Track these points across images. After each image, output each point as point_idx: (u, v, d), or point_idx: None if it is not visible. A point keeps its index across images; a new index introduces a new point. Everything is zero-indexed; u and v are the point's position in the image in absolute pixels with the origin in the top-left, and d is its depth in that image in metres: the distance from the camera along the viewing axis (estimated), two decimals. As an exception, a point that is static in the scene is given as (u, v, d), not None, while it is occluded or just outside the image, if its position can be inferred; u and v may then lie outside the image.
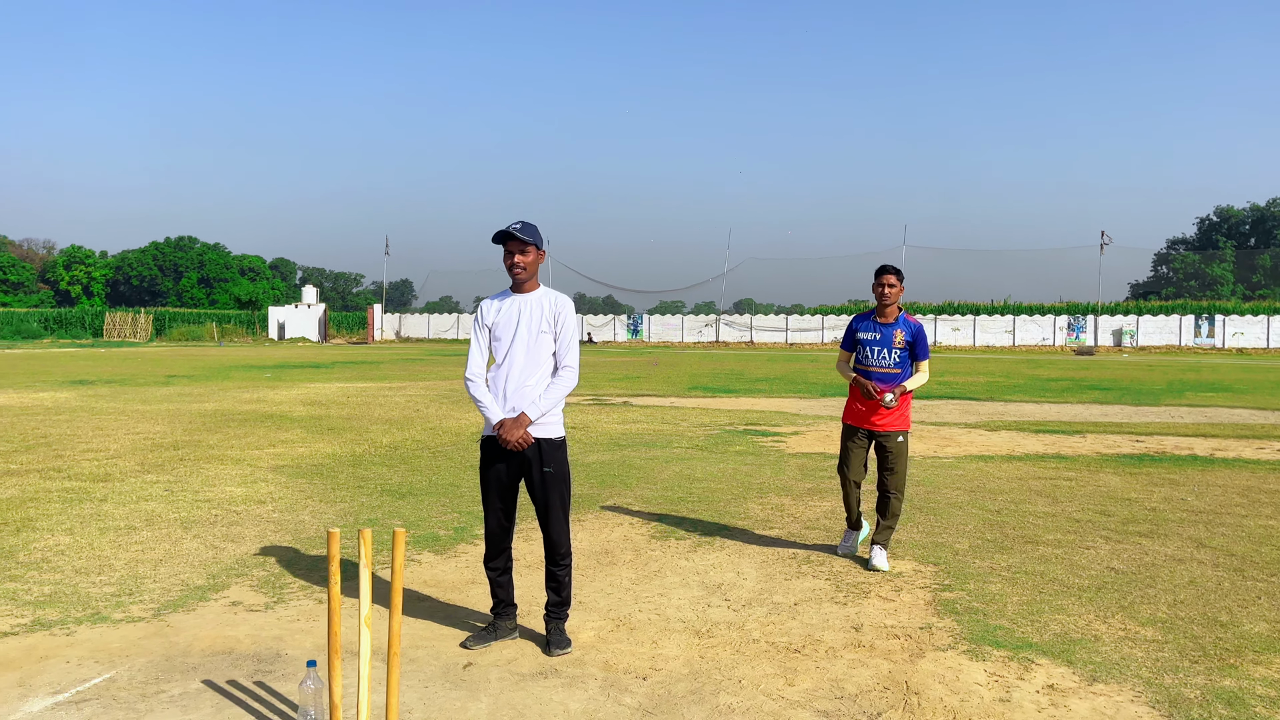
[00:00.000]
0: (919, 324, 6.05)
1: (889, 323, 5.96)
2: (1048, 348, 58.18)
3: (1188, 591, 5.37)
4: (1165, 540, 6.62)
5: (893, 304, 5.96)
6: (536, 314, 4.31)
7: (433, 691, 3.88)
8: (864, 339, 6.03)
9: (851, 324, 6.21)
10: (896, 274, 5.96)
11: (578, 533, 6.70)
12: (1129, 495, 8.32)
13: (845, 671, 4.14)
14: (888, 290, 5.90)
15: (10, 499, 7.68)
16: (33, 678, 3.97)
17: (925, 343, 6.04)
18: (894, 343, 5.92)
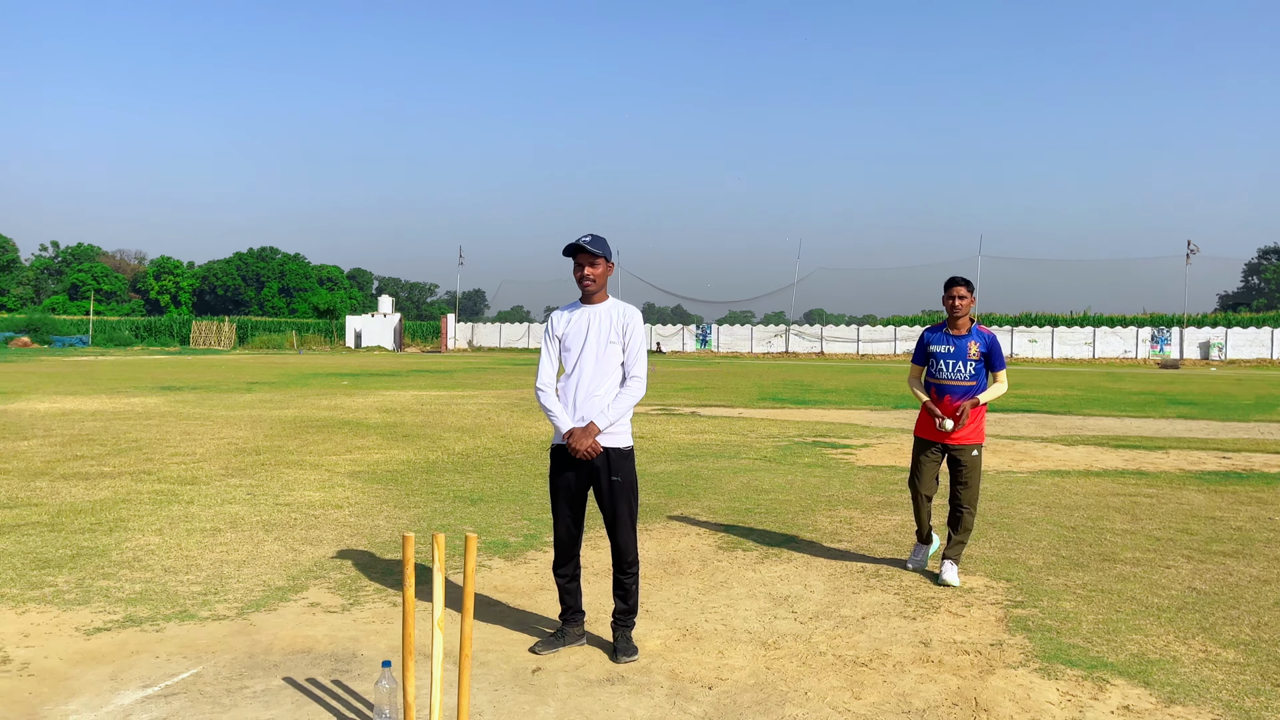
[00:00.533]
0: (992, 334, 5.99)
1: (961, 334, 5.91)
2: (1129, 360, 56.54)
3: (1273, 614, 5.20)
4: (1250, 560, 6.41)
5: (964, 315, 5.90)
6: (605, 325, 4.38)
7: (502, 695, 3.96)
8: (936, 351, 5.97)
9: (923, 336, 6.16)
10: (967, 285, 5.90)
11: (645, 542, 6.76)
12: (1213, 513, 8.07)
13: (913, 686, 4.12)
14: (958, 302, 5.85)
15: (104, 500, 8.03)
16: (124, 671, 4.16)
17: (1000, 353, 5.97)
18: (968, 354, 5.86)
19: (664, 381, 28.86)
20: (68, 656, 4.31)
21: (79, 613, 4.96)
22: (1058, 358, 58.32)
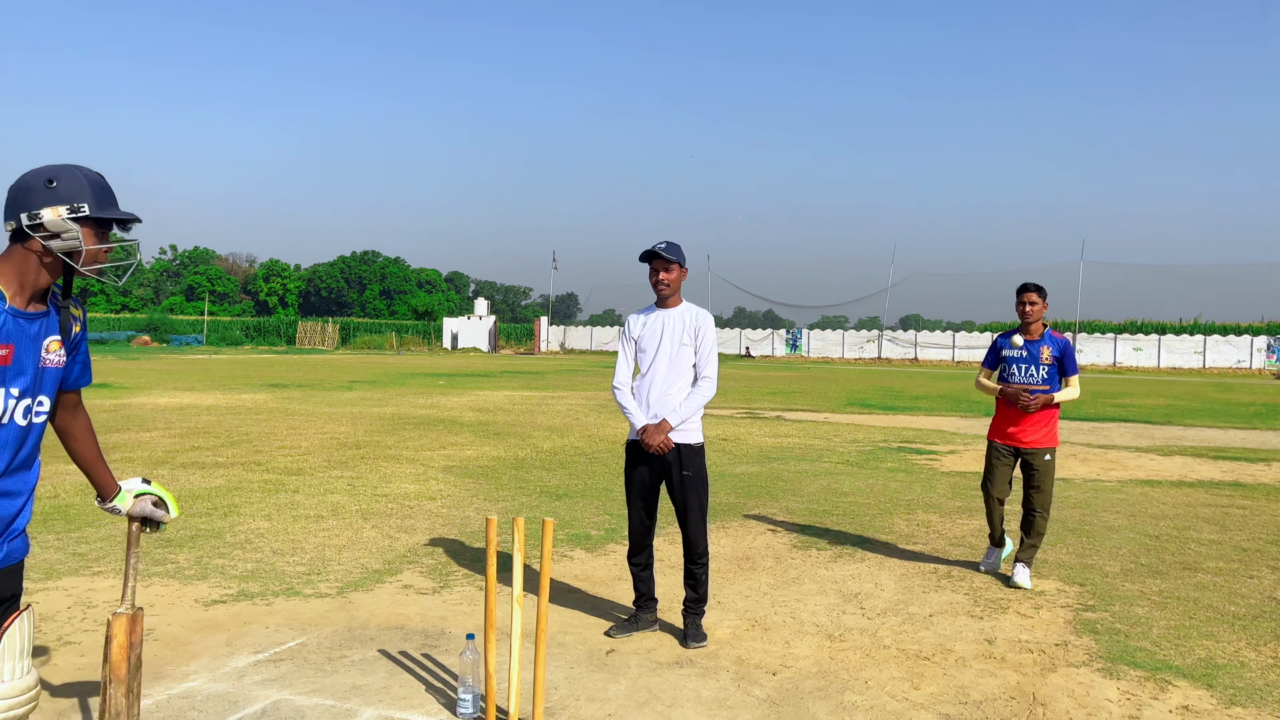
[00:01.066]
0: (1066, 339, 6.04)
1: (1034, 339, 5.98)
2: (1243, 371, 54.06)
3: (1356, 626, 5.13)
4: (1341, 573, 6.28)
5: (1036, 321, 5.97)
6: (679, 328, 4.63)
7: (577, 672, 4.23)
8: (1009, 356, 6.05)
9: (996, 341, 6.25)
10: (1038, 291, 5.97)
11: (721, 539, 6.97)
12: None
13: (973, 680, 4.24)
14: (1029, 308, 5.92)
15: (219, 487, 8.62)
16: (237, 639, 4.57)
17: (1073, 358, 6.02)
18: (1041, 359, 5.93)
19: (750, 386, 28.91)
20: (188, 624, 4.76)
21: (197, 587, 5.43)
22: (1165, 367, 56.14)
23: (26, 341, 2.41)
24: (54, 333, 2.50)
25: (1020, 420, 5.96)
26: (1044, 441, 5.96)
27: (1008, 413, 6.05)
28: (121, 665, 2.82)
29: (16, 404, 2.41)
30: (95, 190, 2.43)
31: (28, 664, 2.49)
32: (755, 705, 3.90)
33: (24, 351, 2.40)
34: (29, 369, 2.42)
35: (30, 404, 2.45)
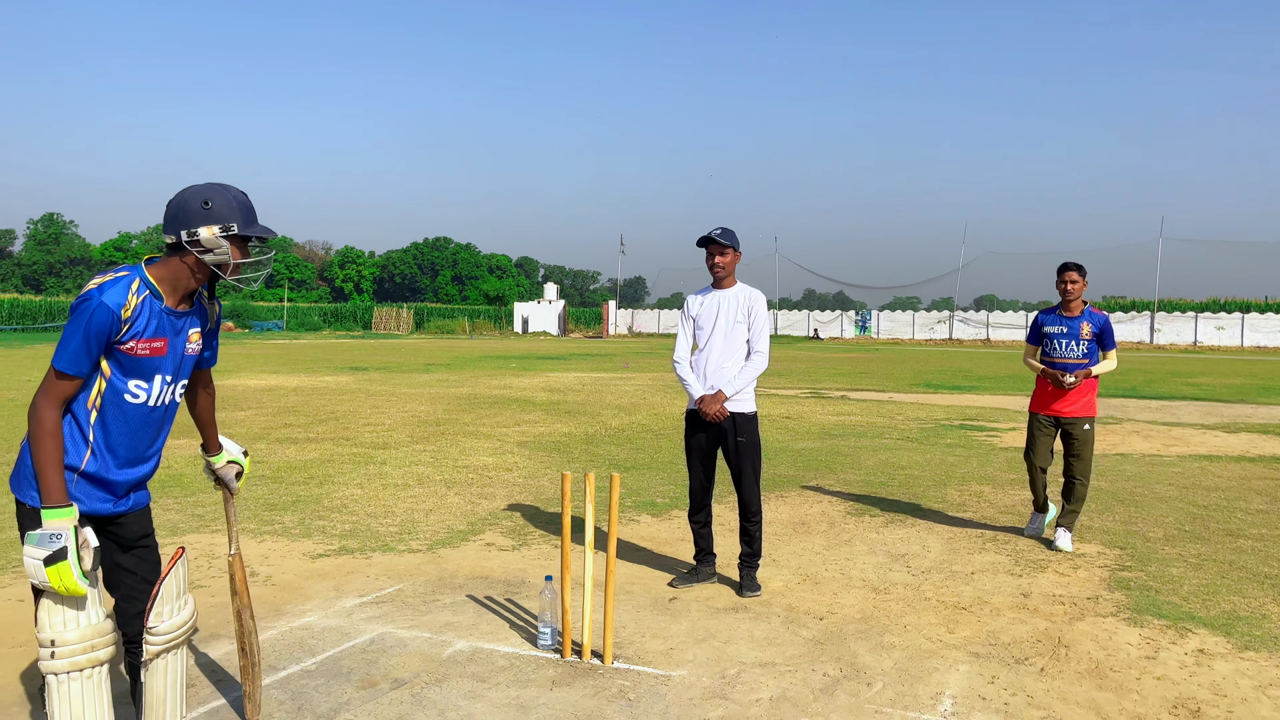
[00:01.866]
0: (1105, 316, 6.34)
1: (1074, 316, 6.29)
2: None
3: (1385, 586, 5.36)
4: (1384, 540, 6.46)
5: (1076, 299, 6.27)
6: (733, 307, 5.07)
7: (643, 615, 4.73)
8: (1050, 333, 6.36)
9: (1037, 318, 6.56)
10: (1079, 270, 6.26)
11: (779, 506, 7.41)
12: (1362, 498, 7.99)
13: (1004, 626, 4.63)
14: (1070, 286, 6.23)
15: (313, 460, 9.33)
16: (343, 585, 5.18)
17: (1112, 333, 6.33)
18: (1081, 335, 6.24)
19: (817, 367, 29.11)
20: (299, 573, 5.38)
21: (303, 543, 6.06)
22: (1248, 345, 54.51)
23: (175, 336, 2.96)
24: (196, 325, 3.05)
25: (1060, 393, 6.27)
26: (1082, 411, 6.27)
27: (1048, 386, 6.37)
28: (245, 593, 3.39)
29: (167, 388, 2.96)
30: (243, 211, 2.95)
31: (185, 599, 3.06)
32: (801, 643, 4.36)
33: (174, 344, 2.96)
34: (177, 358, 2.98)
35: (175, 387, 3.01)
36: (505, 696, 3.71)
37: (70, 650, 2.70)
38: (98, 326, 2.73)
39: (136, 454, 2.92)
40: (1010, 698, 3.76)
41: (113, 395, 2.83)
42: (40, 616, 2.70)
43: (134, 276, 2.84)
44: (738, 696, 3.75)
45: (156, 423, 2.96)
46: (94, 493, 2.86)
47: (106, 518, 2.93)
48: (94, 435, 2.83)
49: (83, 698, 2.72)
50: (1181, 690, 3.86)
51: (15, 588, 5.02)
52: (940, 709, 3.65)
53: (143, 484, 3.04)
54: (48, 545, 2.63)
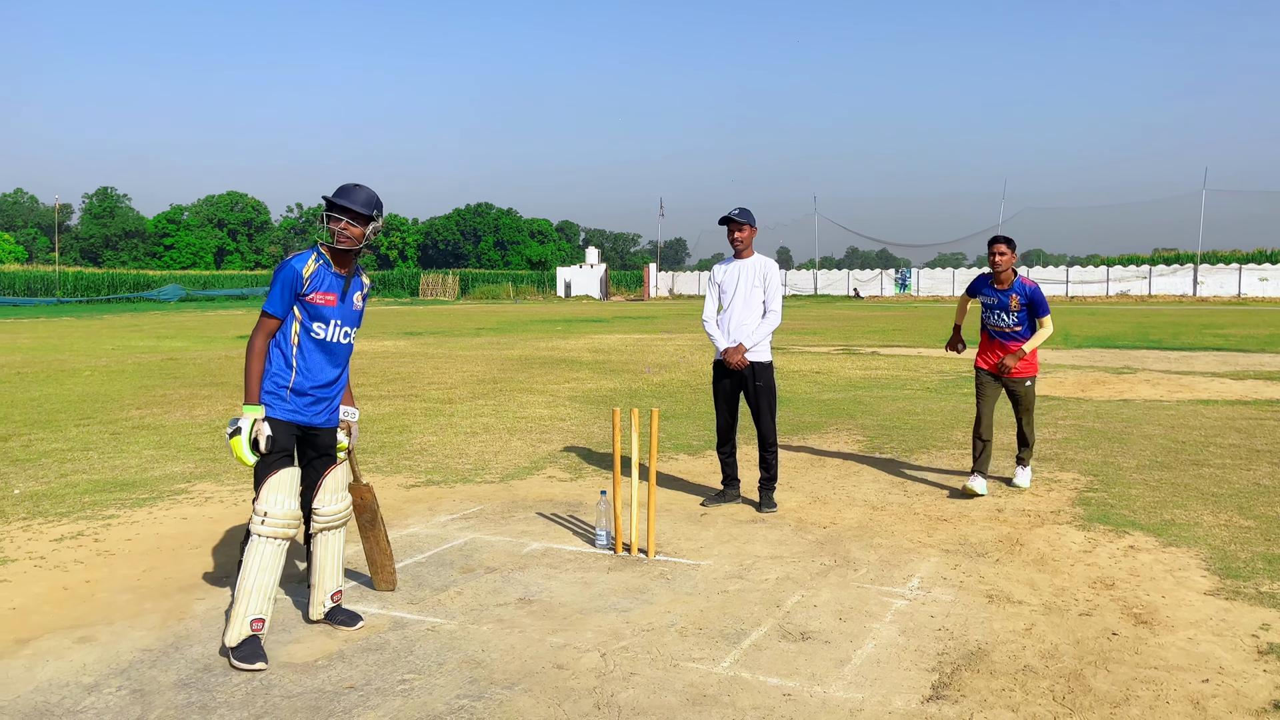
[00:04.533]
0: (1034, 285, 6.73)
1: (1004, 289, 6.69)
2: (1382, 299, 51.72)
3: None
4: (1331, 467, 7.36)
5: (1005, 270, 6.65)
6: (750, 274, 6.10)
7: (679, 526, 5.83)
8: (985, 302, 6.82)
9: (977, 280, 7.02)
10: (1008, 243, 6.63)
11: (800, 446, 8.46)
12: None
13: (974, 531, 5.66)
14: (998, 259, 6.60)
15: (389, 413, 10.54)
16: (435, 506, 6.34)
17: (1043, 301, 6.69)
18: (1010, 306, 6.65)
19: (853, 325, 29.93)
20: (398, 499, 6.55)
21: (396, 478, 7.24)
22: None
23: (342, 293, 4.09)
24: (358, 289, 4.19)
25: (1001, 353, 6.82)
26: (1024, 372, 6.87)
27: (990, 344, 6.93)
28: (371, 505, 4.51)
29: (339, 329, 4.09)
30: (338, 192, 4.09)
31: (342, 494, 4.21)
32: (806, 544, 5.43)
33: (342, 298, 4.08)
34: (346, 309, 4.11)
35: (343, 329, 4.13)
36: (572, 578, 4.84)
37: (273, 522, 3.86)
38: (287, 277, 3.93)
39: (325, 377, 4.07)
40: (965, 578, 4.81)
41: (304, 332, 4.00)
42: (261, 493, 3.87)
43: (313, 251, 4.06)
44: (751, 577, 4.84)
45: (334, 354, 4.11)
46: (299, 404, 4.01)
47: (307, 427, 4.08)
48: (296, 361, 4.00)
49: (267, 557, 3.87)
50: (1104, 572, 4.88)
51: (180, 508, 6.25)
52: (909, 585, 4.71)
53: (332, 407, 4.16)
54: (233, 425, 3.88)
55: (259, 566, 3.85)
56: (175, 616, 4.28)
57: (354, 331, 4.22)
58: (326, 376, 4.11)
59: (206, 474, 7.30)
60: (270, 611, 3.85)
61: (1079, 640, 3.98)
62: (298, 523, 3.97)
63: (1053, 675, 3.64)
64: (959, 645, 3.93)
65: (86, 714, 3.32)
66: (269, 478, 3.90)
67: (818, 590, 4.64)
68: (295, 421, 4.03)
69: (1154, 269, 59.39)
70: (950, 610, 4.34)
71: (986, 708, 3.37)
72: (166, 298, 61.59)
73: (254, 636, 3.76)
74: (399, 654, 3.86)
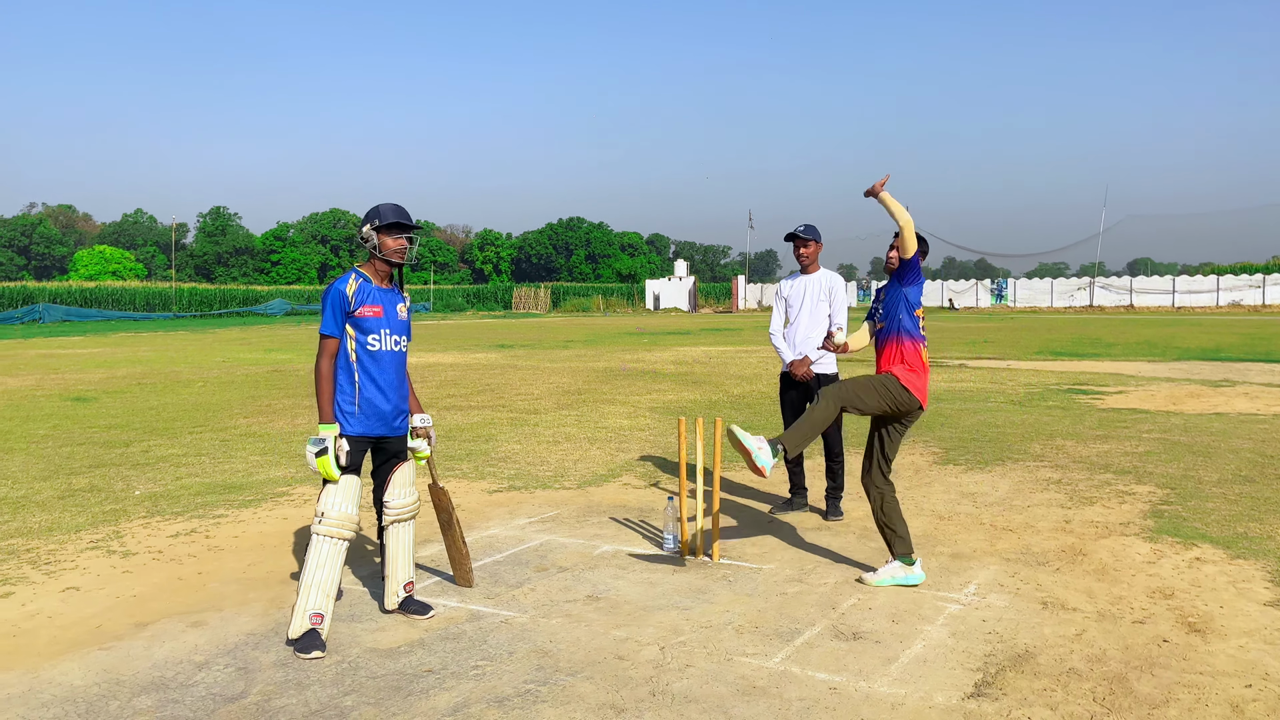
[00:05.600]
0: None
1: None
2: None
3: (1398, 517, 6.16)
4: None
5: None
6: (816, 289, 6.28)
7: (745, 532, 6.04)
8: None
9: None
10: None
11: (874, 456, 8.55)
12: None
13: (1038, 542, 5.73)
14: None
15: (476, 423, 10.99)
16: (515, 510, 6.68)
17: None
18: None
19: (944, 337, 29.51)
20: (480, 503, 6.92)
21: (480, 483, 7.62)
22: None
23: (388, 304, 4.44)
24: (400, 300, 4.54)
25: None
26: None
27: None
28: (446, 507, 4.85)
29: (390, 338, 4.44)
30: (390, 211, 4.43)
31: (410, 490, 4.56)
32: (869, 551, 5.58)
33: (388, 310, 4.44)
34: (392, 319, 4.46)
35: (394, 337, 4.47)
36: (639, 578, 5.10)
37: (329, 522, 4.22)
38: (335, 299, 4.34)
39: (388, 388, 4.42)
40: (1022, 585, 4.91)
41: (360, 348, 4.38)
42: (322, 496, 4.25)
43: (351, 272, 4.46)
44: (810, 580, 5.03)
45: (392, 365, 4.45)
46: (369, 420, 4.37)
47: (379, 438, 4.45)
48: (359, 377, 4.37)
49: (324, 555, 4.21)
50: (1165, 583, 4.92)
51: (282, 509, 6.73)
52: (965, 592, 4.83)
53: (398, 415, 4.52)
54: (317, 445, 4.22)
55: (317, 563, 4.20)
56: (276, 605, 4.69)
57: (404, 340, 4.55)
58: (388, 387, 4.44)
59: (306, 479, 7.81)
60: (330, 607, 4.18)
61: (1128, 646, 4.06)
62: (353, 525, 4.29)
63: (1096, 678, 3.74)
64: (1007, 648, 4.06)
65: (198, 688, 3.72)
66: (330, 483, 4.28)
67: (874, 594, 4.80)
68: (366, 435, 4.39)
69: (1268, 278, 56.78)
70: (1003, 615, 4.46)
71: (1026, 705, 3.50)
72: (273, 312, 64.20)
73: (313, 630, 4.10)
74: (474, 642, 4.18)
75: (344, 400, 4.37)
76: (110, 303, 60.00)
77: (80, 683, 3.76)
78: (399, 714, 3.48)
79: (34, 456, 8.94)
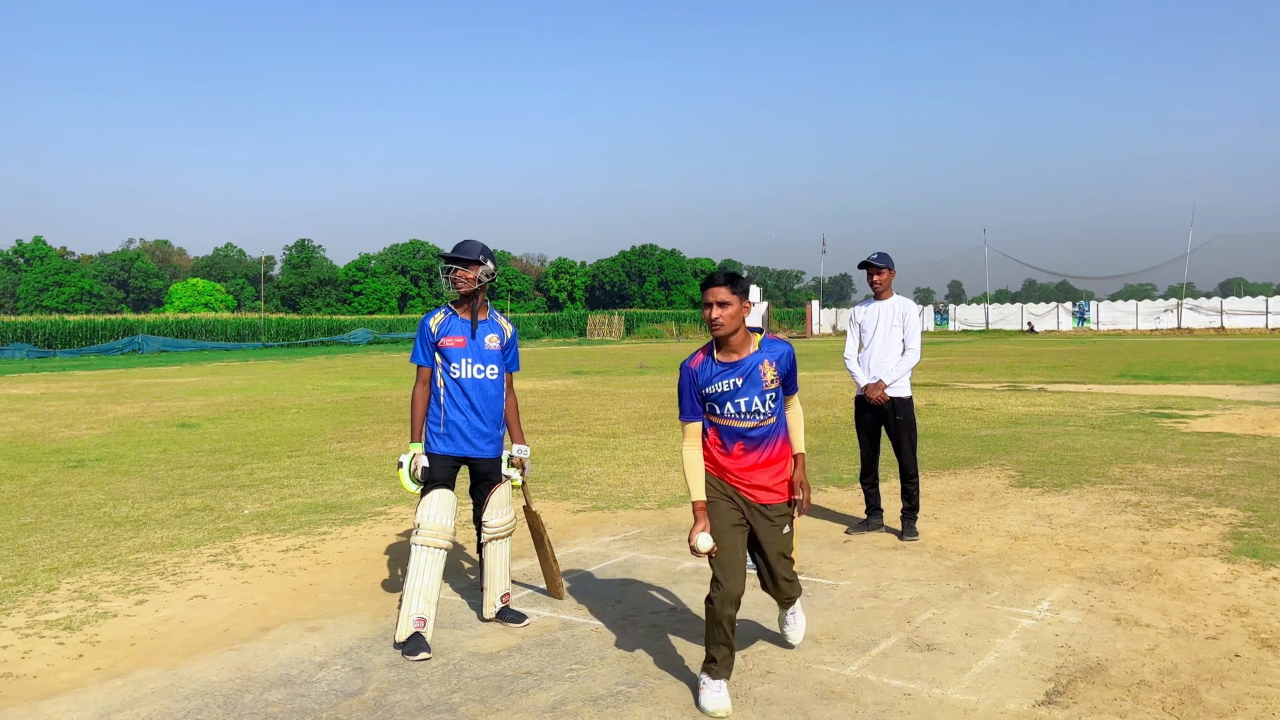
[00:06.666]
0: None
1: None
2: None
3: None
4: None
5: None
6: (890, 315, 6.49)
7: (822, 551, 6.24)
8: None
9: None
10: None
11: (950, 481, 8.66)
12: None
13: (1114, 561, 5.81)
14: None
15: (558, 446, 11.36)
16: (600, 528, 6.99)
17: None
18: None
19: (1023, 360, 29.11)
20: (567, 521, 7.24)
21: (565, 503, 7.95)
22: None
23: (470, 335, 4.79)
24: (492, 331, 4.88)
25: None
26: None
27: None
28: (538, 528, 5.17)
29: (471, 367, 4.79)
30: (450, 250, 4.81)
31: (507, 509, 4.90)
32: (943, 569, 5.74)
33: (470, 341, 4.79)
34: (477, 349, 4.80)
35: (476, 366, 4.80)
36: (720, 592, 5.34)
37: (425, 533, 4.59)
38: (423, 334, 4.77)
39: (473, 411, 4.78)
40: (1096, 603, 5.02)
41: (445, 375, 4.77)
42: (418, 510, 4.65)
43: (440, 308, 4.88)
44: (886, 596, 5.22)
45: (477, 390, 4.79)
46: (454, 441, 4.75)
47: (467, 458, 4.81)
48: (445, 400, 4.76)
49: (423, 563, 4.57)
50: (1240, 601, 4.98)
51: (380, 527, 7.15)
52: (1038, 608, 4.97)
53: (485, 440, 4.85)
54: (400, 459, 4.67)
55: (416, 571, 4.56)
56: (383, 613, 5.06)
57: (489, 368, 4.85)
58: (474, 410, 4.78)
59: (400, 499, 8.23)
60: (432, 612, 4.53)
61: (1200, 660, 4.17)
62: (447, 535, 4.64)
63: (1165, 689, 3.87)
64: (1079, 660, 4.21)
65: (320, 684, 4.09)
66: (425, 497, 4.65)
67: (948, 609, 4.97)
68: (451, 454, 4.75)
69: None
70: (1076, 630, 4.60)
71: (1095, 713, 3.66)
72: (356, 341, 66.03)
73: (417, 633, 4.45)
74: (567, 649, 4.48)
75: (432, 422, 4.77)
76: (203, 333, 62.44)
77: (216, 679, 4.17)
78: (503, 709, 3.79)
79: (149, 478, 9.57)
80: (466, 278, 4.78)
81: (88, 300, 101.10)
